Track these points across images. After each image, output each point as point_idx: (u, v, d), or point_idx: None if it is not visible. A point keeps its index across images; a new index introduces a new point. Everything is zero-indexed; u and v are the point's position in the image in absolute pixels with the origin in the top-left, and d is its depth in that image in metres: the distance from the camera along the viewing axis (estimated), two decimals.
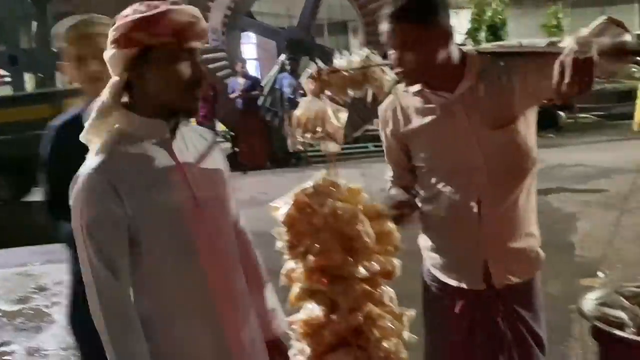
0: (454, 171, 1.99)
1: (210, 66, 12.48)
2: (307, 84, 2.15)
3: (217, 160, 1.84)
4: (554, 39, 1.97)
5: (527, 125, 1.98)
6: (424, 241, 2.19)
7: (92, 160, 1.60)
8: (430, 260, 2.17)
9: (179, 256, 1.66)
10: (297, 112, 2.16)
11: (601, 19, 1.69)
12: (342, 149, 2.15)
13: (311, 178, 2.10)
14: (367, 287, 2.02)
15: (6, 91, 13.99)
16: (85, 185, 1.57)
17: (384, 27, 1.89)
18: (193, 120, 12.34)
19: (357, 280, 2.01)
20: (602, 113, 15.02)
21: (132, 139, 1.65)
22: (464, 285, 2.07)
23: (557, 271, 4.80)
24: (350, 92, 2.23)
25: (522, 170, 2.00)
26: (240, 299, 1.82)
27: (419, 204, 2.13)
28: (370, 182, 2.30)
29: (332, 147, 2.18)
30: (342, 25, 21.75)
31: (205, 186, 1.74)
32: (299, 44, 12.48)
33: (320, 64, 2.17)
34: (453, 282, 2.09)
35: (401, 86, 2.06)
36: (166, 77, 1.60)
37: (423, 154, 2.06)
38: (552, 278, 4.78)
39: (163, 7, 1.57)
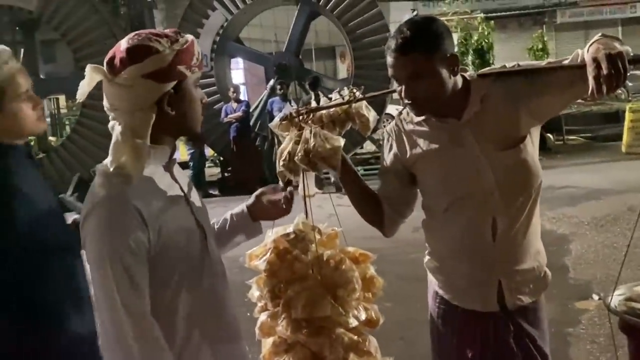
0: (467, 196, 1.99)
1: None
2: (278, 125, 2.13)
3: (195, 190, 1.86)
4: (551, 59, 2.00)
5: (533, 143, 2.00)
6: (433, 264, 2.17)
7: (109, 187, 1.55)
8: (440, 283, 2.15)
9: (192, 284, 1.67)
10: (283, 145, 2.10)
11: (597, 35, 1.77)
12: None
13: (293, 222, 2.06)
14: (354, 337, 1.98)
15: None
16: (111, 211, 1.52)
17: (391, 60, 1.89)
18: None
19: (343, 331, 1.96)
20: (590, 135, 15.13)
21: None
22: (477, 308, 2.05)
23: (551, 294, 4.74)
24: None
25: (532, 188, 2.01)
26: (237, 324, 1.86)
27: (425, 229, 2.14)
28: None
29: (309, 189, 2.15)
30: (330, 50, 21.93)
31: (202, 213, 1.78)
32: (287, 69, 12.53)
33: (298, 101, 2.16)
34: (465, 305, 2.08)
35: (404, 114, 2.09)
36: (194, 105, 1.66)
37: (431, 179, 2.06)
38: (547, 301, 4.74)
39: (186, 37, 1.62)
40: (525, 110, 1.93)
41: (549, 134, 13.43)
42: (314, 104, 2.27)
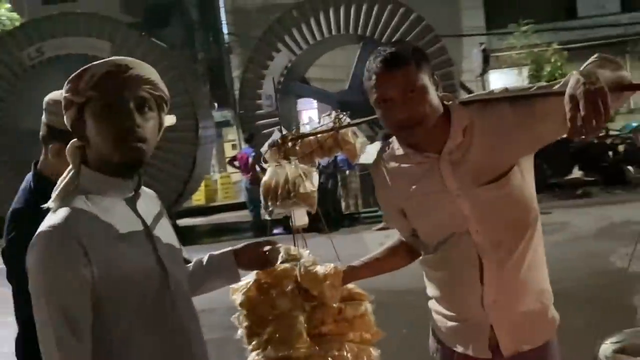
0: (452, 235, 1.85)
1: (265, 131, 12.70)
2: (267, 152, 2.07)
3: (169, 226, 1.78)
4: (543, 83, 1.83)
5: (522, 175, 1.82)
6: (431, 304, 2.04)
7: (54, 218, 1.51)
8: (436, 324, 2.02)
9: (148, 324, 1.58)
10: (265, 178, 2.07)
11: (594, 57, 1.63)
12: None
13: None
14: None
15: None
16: (51, 243, 1.47)
17: (380, 80, 1.75)
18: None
19: None
20: None
21: (95, 197, 1.58)
22: (469, 352, 1.89)
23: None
24: (318, 159, 2.14)
25: (523, 224, 1.83)
26: None
27: (422, 267, 2.03)
28: None
29: (299, 220, 2.08)
30: None
31: (168, 250, 1.69)
32: (350, 106, 12.49)
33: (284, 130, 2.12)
34: (459, 348, 1.92)
35: (386, 152, 1.98)
36: (98, 131, 1.56)
37: (418, 219, 1.94)
38: None
39: (90, 64, 1.58)
40: (514, 139, 1.77)
41: (628, 167, 12.71)
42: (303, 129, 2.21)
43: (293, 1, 14.31)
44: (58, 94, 2.05)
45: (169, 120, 1.78)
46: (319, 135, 2.18)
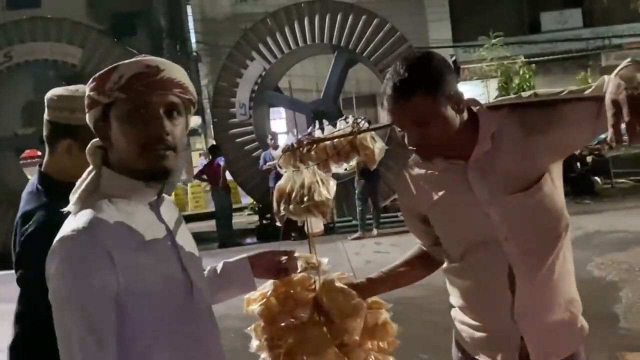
0: (480, 244, 1.80)
1: (238, 140, 12.63)
2: (281, 157, 2.03)
3: (188, 233, 1.71)
4: (573, 87, 1.79)
5: (553, 182, 1.78)
6: (454, 313, 1.99)
7: (77, 221, 1.42)
8: (461, 334, 1.96)
9: (171, 333, 1.50)
10: (280, 183, 2.03)
11: (627, 61, 1.57)
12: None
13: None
14: None
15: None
16: (75, 248, 1.38)
17: (390, 105, 1.71)
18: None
19: None
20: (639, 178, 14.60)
21: (118, 200, 1.50)
22: None
23: (599, 345, 4.43)
24: (334, 165, 2.10)
25: (554, 232, 1.79)
26: None
27: (445, 276, 1.98)
28: (402, 252, 2.16)
29: (315, 226, 2.04)
30: (370, 98, 21.97)
31: (190, 258, 1.62)
32: (324, 115, 12.52)
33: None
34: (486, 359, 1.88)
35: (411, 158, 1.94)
36: (123, 135, 1.48)
37: (443, 227, 1.89)
38: (595, 353, 4.42)
39: (119, 63, 1.49)
40: (544, 145, 1.73)
41: (596, 177, 13.00)
42: (318, 134, 2.16)
43: (262, 11, 14.28)
44: (61, 90, 1.96)
45: (194, 121, 1.71)
46: (335, 141, 2.14)
